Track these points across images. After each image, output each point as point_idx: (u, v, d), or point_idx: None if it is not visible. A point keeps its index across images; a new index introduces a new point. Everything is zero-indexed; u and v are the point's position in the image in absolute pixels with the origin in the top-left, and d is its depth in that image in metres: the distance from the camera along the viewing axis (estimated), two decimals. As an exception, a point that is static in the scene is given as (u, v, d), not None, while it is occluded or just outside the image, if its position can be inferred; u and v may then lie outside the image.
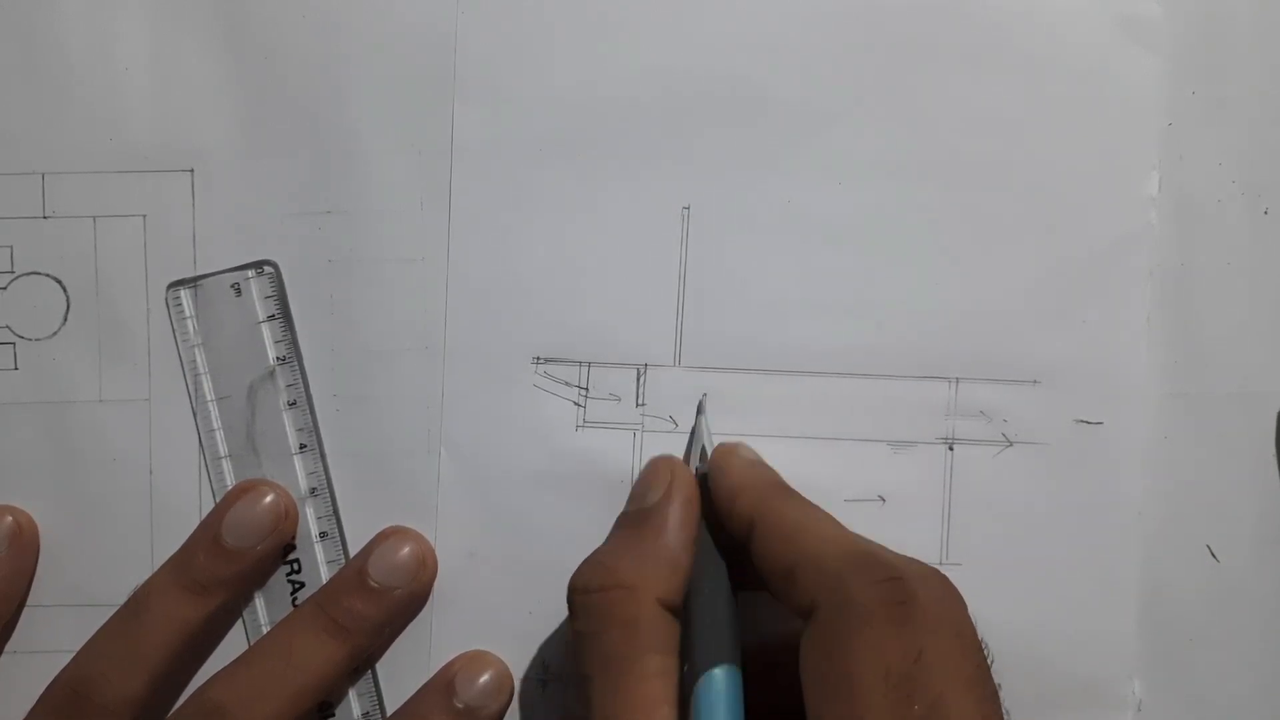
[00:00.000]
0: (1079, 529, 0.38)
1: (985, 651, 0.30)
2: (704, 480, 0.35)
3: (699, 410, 0.38)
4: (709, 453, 0.36)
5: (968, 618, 0.30)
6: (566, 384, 0.39)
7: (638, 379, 0.39)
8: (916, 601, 0.29)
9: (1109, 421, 0.39)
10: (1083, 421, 0.38)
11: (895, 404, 0.39)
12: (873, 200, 0.39)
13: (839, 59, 0.39)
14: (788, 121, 0.39)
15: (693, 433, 0.38)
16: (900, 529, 0.38)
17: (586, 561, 0.33)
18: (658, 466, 0.35)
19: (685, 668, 0.31)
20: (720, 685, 0.31)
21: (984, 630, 0.30)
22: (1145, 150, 0.39)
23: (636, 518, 0.34)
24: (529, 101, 0.39)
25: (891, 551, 0.31)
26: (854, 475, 0.38)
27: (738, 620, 0.33)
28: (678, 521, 0.33)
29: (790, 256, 0.39)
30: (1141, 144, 0.39)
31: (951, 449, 0.39)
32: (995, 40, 0.39)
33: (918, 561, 0.31)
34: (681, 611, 0.32)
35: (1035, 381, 0.39)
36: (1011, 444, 0.39)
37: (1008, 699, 0.30)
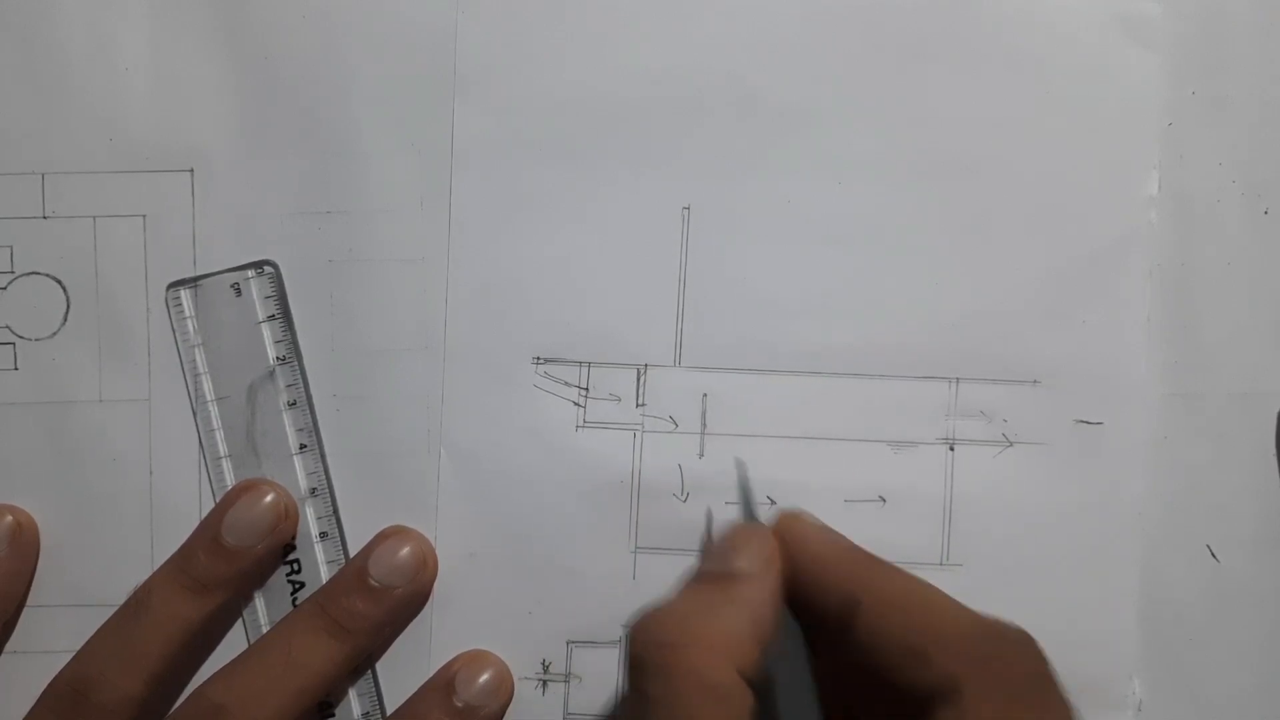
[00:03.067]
0: (1079, 529, 0.38)
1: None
2: None
3: (742, 472, 0.38)
4: (755, 513, 0.35)
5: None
6: (566, 384, 0.39)
7: (638, 379, 0.39)
8: (1050, 673, 0.29)
9: (1109, 421, 0.39)
10: (1083, 422, 0.38)
11: (895, 404, 0.39)
12: (872, 200, 0.39)
13: (839, 59, 0.39)
14: (787, 121, 0.39)
15: (743, 495, 0.37)
16: (900, 529, 0.38)
17: (659, 612, 0.30)
18: (749, 533, 0.32)
19: None
20: None
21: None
22: (1145, 150, 0.39)
23: (722, 580, 0.31)
24: (529, 101, 0.39)
25: (1003, 621, 0.30)
26: (854, 475, 0.39)
27: (822, 708, 0.31)
28: (771, 594, 0.30)
29: (790, 256, 0.39)
30: (1141, 144, 0.39)
31: (952, 449, 0.39)
32: (995, 40, 0.39)
33: (1012, 624, 0.30)
34: (756, 687, 0.29)
35: (1035, 381, 0.39)
36: (1012, 444, 0.39)
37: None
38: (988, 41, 0.39)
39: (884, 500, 0.39)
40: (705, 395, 0.39)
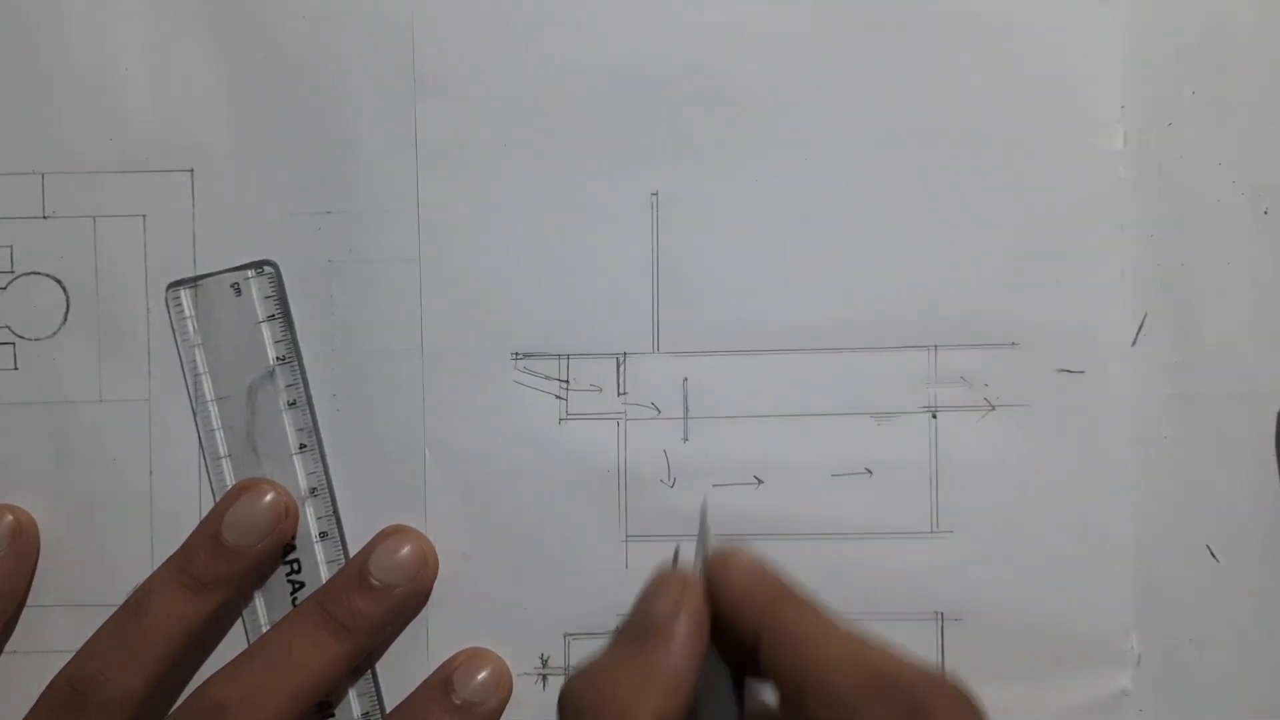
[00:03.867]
0: (1066, 487, 0.38)
1: None
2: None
3: (702, 513, 0.37)
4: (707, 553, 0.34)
5: None
6: (547, 378, 0.39)
7: (618, 368, 0.39)
8: None
9: (1088, 377, 0.38)
10: (1065, 371, 0.38)
11: (876, 376, 0.39)
12: (842, 175, 0.39)
13: (801, 35, 0.39)
14: (751, 101, 0.39)
15: (700, 538, 0.36)
16: (889, 500, 0.38)
17: (581, 674, 0.30)
18: (667, 580, 0.32)
19: None
20: None
21: (978, 595, 0.30)
22: (1109, 105, 0.38)
23: (639, 631, 0.31)
24: (493, 96, 0.39)
25: (908, 666, 0.29)
26: (839, 450, 0.38)
27: None
28: (685, 638, 0.30)
29: (762, 236, 0.39)
30: (1105, 100, 0.39)
31: (935, 417, 0.39)
32: (964, 11, 0.39)
33: (935, 677, 0.28)
34: None
35: (1014, 344, 0.38)
36: (994, 408, 0.38)
37: (1005, 663, 0.29)
38: (956, 13, 0.39)
39: (870, 472, 0.38)
40: (685, 379, 0.39)
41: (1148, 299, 0.39)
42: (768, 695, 0.31)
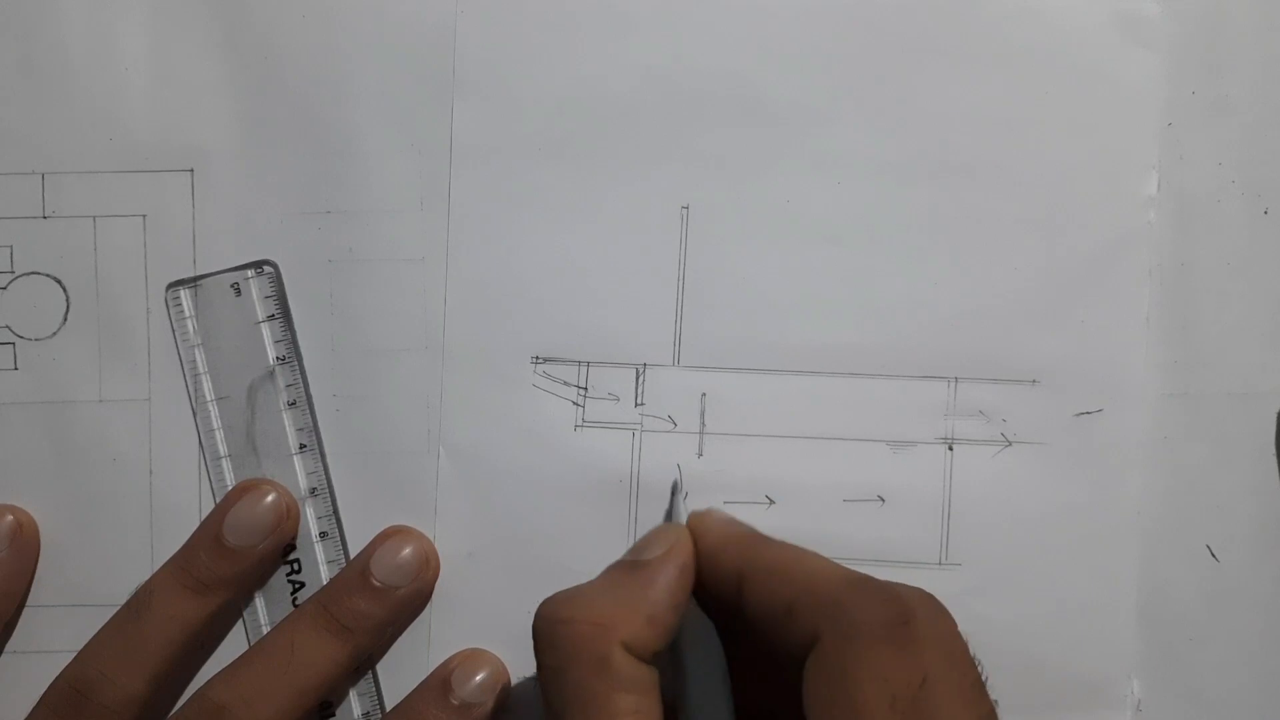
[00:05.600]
0: (1078, 528, 0.38)
1: (979, 668, 0.29)
2: None
3: (674, 490, 0.38)
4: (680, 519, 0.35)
5: (961, 636, 0.29)
6: (565, 384, 0.39)
7: (636, 379, 0.39)
8: (917, 622, 0.28)
9: (1108, 421, 0.39)
10: (1084, 413, 0.38)
11: (895, 404, 0.39)
12: (871, 199, 0.39)
13: (838, 58, 0.39)
14: (786, 121, 0.39)
15: (668, 514, 0.38)
16: (900, 529, 0.38)
17: (560, 593, 0.31)
18: (665, 529, 0.33)
19: None
20: None
21: (983, 630, 0.30)
22: (1145, 150, 0.39)
23: (628, 567, 0.32)
24: (529, 101, 0.39)
25: (882, 579, 0.30)
26: (853, 475, 0.38)
27: (730, 694, 0.32)
28: (669, 581, 0.31)
29: (789, 256, 0.39)
30: (1141, 144, 0.39)
31: (951, 449, 0.39)
32: (994, 39, 0.39)
33: (908, 585, 0.30)
34: (650, 663, 0.30)
35: (1034, 381, 0.39)
36: (1011, 444, 0.39)
37: (1007, 699, 0.30)
38: (987, 41, 0.39)
39: (883, 500, 0.39)
40: (704, 395, 0.39)
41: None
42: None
